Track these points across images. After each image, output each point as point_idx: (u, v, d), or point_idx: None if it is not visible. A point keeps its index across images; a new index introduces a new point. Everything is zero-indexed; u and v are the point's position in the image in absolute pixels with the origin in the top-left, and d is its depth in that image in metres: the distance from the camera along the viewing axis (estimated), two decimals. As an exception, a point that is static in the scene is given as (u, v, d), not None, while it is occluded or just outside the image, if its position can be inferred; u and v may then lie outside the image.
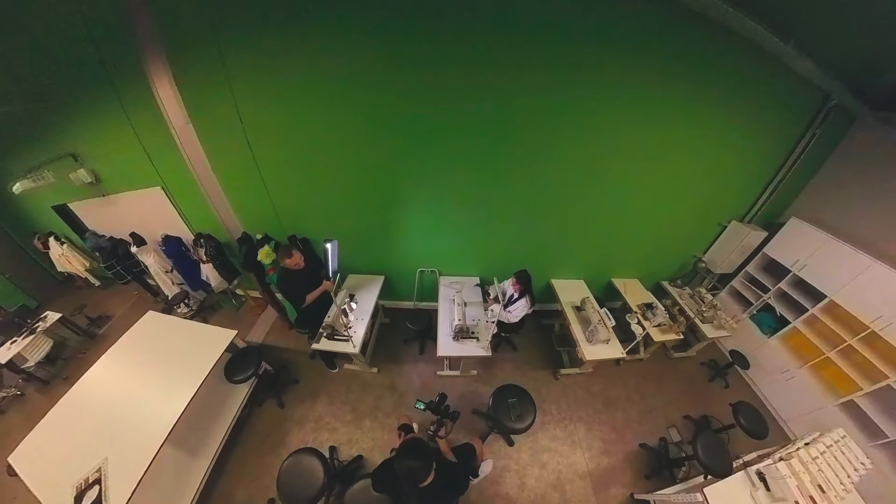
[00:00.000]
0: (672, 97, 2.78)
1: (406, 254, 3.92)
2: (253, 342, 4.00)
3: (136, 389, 2.75)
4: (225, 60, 2.61)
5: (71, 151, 3.33)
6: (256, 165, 3.20)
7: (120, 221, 3.95)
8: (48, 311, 4.02)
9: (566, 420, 3.40)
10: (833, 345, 3.12)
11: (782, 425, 3.50)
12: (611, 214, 3.57)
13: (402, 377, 3.72)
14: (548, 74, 2.60)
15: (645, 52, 2.54)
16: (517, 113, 2.80)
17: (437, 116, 2.81)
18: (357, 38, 2.50)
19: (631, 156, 3.08)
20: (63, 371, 3.91)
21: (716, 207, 3.72)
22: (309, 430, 3.26)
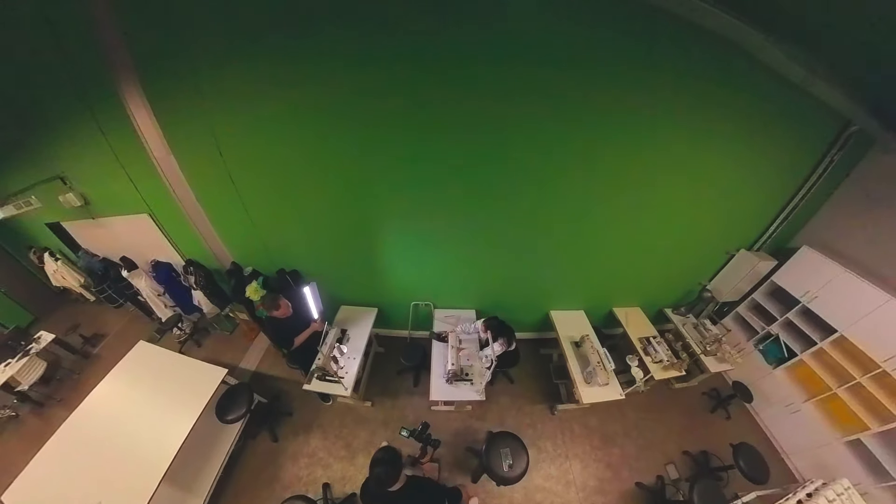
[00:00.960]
0: (681, 123, 2.76)
1: (399, 286, 4.04)
2: (246, 369, 4.24)
3: (128, 428, 2.96)
4: (202, 91, 2.69)
5: (60, 174, 3.49)
6: (240, 198, 3.32)
7: (111, 244, 4.15)
8: (42, 330, 4.26)
9: (561, 457, 3.53)
10: (841, 380, 3.17)
11: (785, 459, 3.59)
12: (614, 245, 3.62)
13: (396, 411, 3.89)
14: (546, 101, 2.58)
15: (656, 75, 2.49)
16: (514, 142, 2.81)
17: (429, 148, 2.85)
18: (338, 66, 2.49)
19: (635, 185, 3.10)
20: (57, 392, 4.16)
21: (723, 236, 3.75)
22: (303, 465, 3.45)
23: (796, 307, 3.46)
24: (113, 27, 2.48)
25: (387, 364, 4.31)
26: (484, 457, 2.99)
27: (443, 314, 4.13)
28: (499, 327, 3.44)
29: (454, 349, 3.48)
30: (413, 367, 4.03)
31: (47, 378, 4.19)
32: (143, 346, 3.59)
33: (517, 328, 4.27)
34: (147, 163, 3.17)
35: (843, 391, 3.12)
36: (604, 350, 3.48)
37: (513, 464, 2.93)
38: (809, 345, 3.36)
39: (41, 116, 3.12)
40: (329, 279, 4.00)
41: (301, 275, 3.92)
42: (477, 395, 3.31)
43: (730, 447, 3.20)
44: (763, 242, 3.75)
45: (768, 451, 3.34)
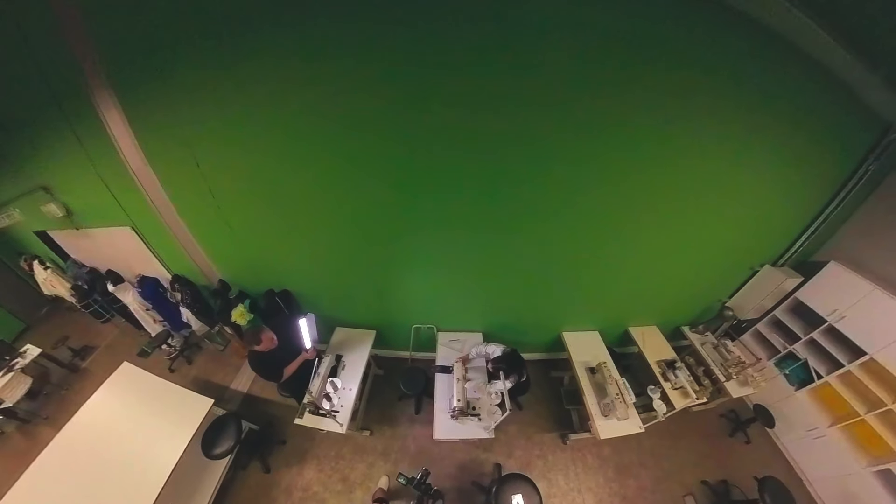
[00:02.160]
0: (717, 133, 2.68)
1: (399, 308, 4.07)
2: (238, 391, 4.30)
3: (111, 457, 3.03)
4: (172, 98, 2.65)
5: (42, 184, 3.52)
6: (221, 213, 3.31)
7: (97, 255, 4.26)
8: (33, 339, 4.46)
9: (574, 492, 3.59)
10: (870, 406, 3.23)
11: (808, 488, 3.67)
12: (633, 263, 3.62)
13: (397, 441, 3.92)
14: (561, 113, 2.50)
15: (694, 77, 2.37)
16: (529, 158, 2.73)
17: (435, 160, 2.78)
18: (332, 62, 2.34)
19: (656, 202, 3.08)
20: (44, 409, 4.28)
21: (747, 251, 3.80)
22: (297, 499, 3.51)
23: (822, 326, 3.53)
24: (80, 28, 2.46)
25: (386, 388, 4.35)
26: (493, 502, 3.02)
27: (447, 337, 4.14)
28: (509, 363, 3.35)
29: (459, 382, 3.46)
30: (415, 395, 4.04)
31: (34, 393, 4.31)
32: (127, 368, 3.62)
33: (526, 349, 4.34)
34: (125, 174, 3.17)
35: (872, 417, 3.19)
36: (623, 380, 3.52)
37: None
38: (835, 366, 3.42)
39: (19, 126, 3.13)
40: (323, 300, 4.03)
41: (292, 295, 3.92)
42: (485, 434, 3.31)
43: (753, 479, 3.26)
44: (789, 257, 3.81)
45: (790, 479, 3.41)
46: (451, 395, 3.41)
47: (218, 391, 4.31)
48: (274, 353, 3.15)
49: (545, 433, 4.03)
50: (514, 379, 3.30)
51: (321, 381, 3.45)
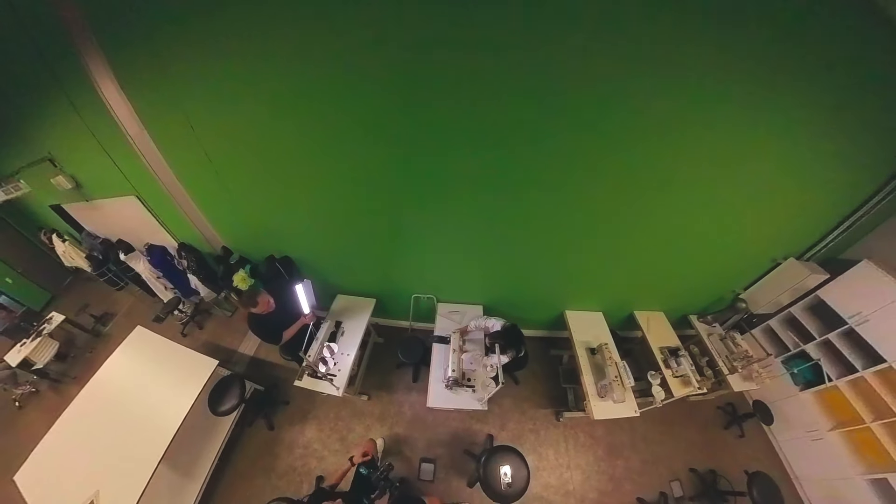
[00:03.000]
0: (744, 94, 2.26)
1: (400, 278, 4.03)
2: (244, 354, 4.50)
3: (127, 413, 3.28)
4: (160, 56, 2.49)
5: (47, 155, 3.53)
6: (219, 177, 3.23)
7: (108, 226, 4.40)
8: (58, 309, 4.81)
9: (563, 467, 3.69)
10: (878, 414, 3.12)
11: (797, 486, 3.67)
12: (647, 245, 3.41)
13: (393, 407, 4.07)
14: (577, 59, 2.14)
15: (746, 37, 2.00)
16: (540, 120, 2.41)
17: (443, 122, 2.51)
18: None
19: (674, 176, 2.77)
20: (72, 370, 4.71)
21: (770, 241, 3.51)
22: (298, 455, 3.72)
23: (841, 328, 3.33)
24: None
25: (386, 356, 4.44)
26: (481, 470, 3.12)
27: (446, 308, 4.13)
28: (507, 336, 3.33)
29: (455, 353, 3.50)
30: (412, 364, 4.13)
31: (63, 355, 4.75)
32: (141, 332, 3.85)
33: (526, 326, 4.31)
34: (123, 140, 3.10)
35: (877, 426, 3.08)
36: (623, 363, 3.47)
37: (512, 483, 3.03)
38: (848, 371, 3.27)
39: (17, 95, 3.09)
40: (323, 267, 4.02)
41: (293, 262, 3.94)
42: (478, 405, 3.35)
43: (743, 472, 3.29)
44: (817, 252, 3.53)
45: (780, 476, 3.41)
46: (447, 366, 3.44)
47: (226, 354, 4.54)
48: (272, 317, 3.22)
49: (539, 409, 4.09)
50: (511, 354, 3.29)
51: (318, 346, 3.55)
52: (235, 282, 3.78)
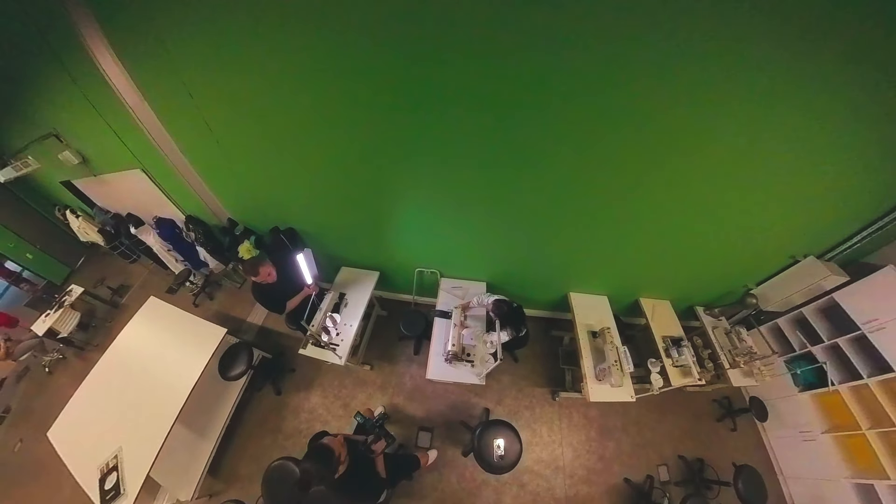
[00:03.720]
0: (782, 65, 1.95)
1: (403, 251, 3.98)
2: (253, 323, 4.65)
3: (144, 377, 3.49)
4: (153, 19, 2.35)
5: (52, 130, 3.52)
6: (220, 147, 3.14)
7: (117, 200, 4.46)
8: (77, 282, 5.03)
9: (555, 444, 3.82)
10: (876, 423, 3.10)
11: (781, 482, 3.75)
12: (660, 230, 3.23)
13: (394, 377, 4.21)
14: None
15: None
16: (559, 79, 2.13)
17: (454, 84, 2.25)
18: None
19: (695, 155, 2.50)
20: (94, 338, 5.06)
21: (791, 236, 3.30)
22: (303, 419, 3.95)
23: (853, 333, 3.22)
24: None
25: (389, 328, 4.53)
26: (476, 441, 3.24)
27: (449, 284, 4.12)
28: (508, 314, 3.36)
29: (456, 328, 3.55)
30: (414, 337, 4.21)
31: (85, 325, 5.07)
32: (154, 302, 4.00)
33: (529, 305, 4.30)
34: (124, 112, 3.03)
35: (873, 433, 3.07)
36: (624, 349, 3.47)
37: (504, 456, 3.16)
38: (853, 377, 3.21)
39: (17, 71, 3.04)
40: (327, 239, 3.99)
41: (297, 233, 3.93)
42: (476, 380, 3.42)
43: (731, 464, 3.36)
44: (840, 253, 3.33)
45: (766, 471, 3.47)
46: (448, 340, 3.51)
47: (236, 323, 4.71)
48: (276, 286, 3.31)
49: (536, 387, 4.18)
50: (511, 332, 3.33)
51: (322, 316, 3.63)
52: (241, 253, 3.82)
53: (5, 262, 5.80)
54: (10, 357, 4.47)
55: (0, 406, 4.64)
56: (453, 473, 3.65)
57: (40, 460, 3.55)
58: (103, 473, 3.01)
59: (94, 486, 2.94)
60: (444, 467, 3.67)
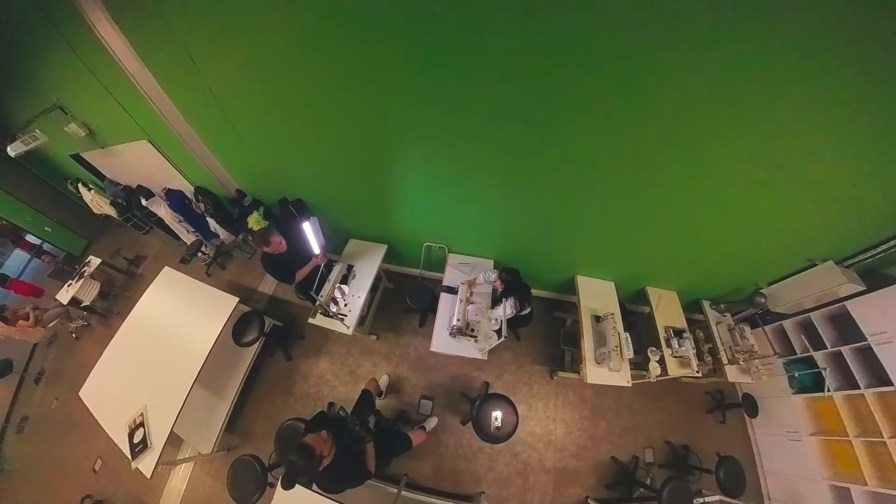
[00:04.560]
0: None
1: (412, 224, 3.93)
2: (264, 293, 4.82)
3: (163, 343, 3.70)
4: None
5: (56, 102, 3.46)
6: (224, 114, 3.02)
7: (127, 172, 4.48)
8: (94, 254, 5.24)
9: (549, 420, 4.02)
10: (864, 432, 3.18)
11: (760, 476, 3.91)
12: (676, 221, 3.10)
13: (399, 348, 4.37)
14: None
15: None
16: (584, 39, 1.85)
17: (472, 53, 2.03)
18: None
19: (723, 142, 2.28)
20: (115, 306, 5.39)
21: (812, 239, 3.14)
22: (312, 384, 4.20)
23: (858, 343, 3.20)
24: None
25: (395, 301, 4.62)
26: (475, 412, 3.41)
27: (457, 259, 4.13)
28: (515, 285, 3.39)
29: (462, 303, 3.61)
30: (420, 310, 4.30)
31: (105, 294, 5.37)
32: (168, 272, 4.13)
33: (535, 285, 4.33)
34: (126, 80, 2.92)
35: (859, 442, 3.15)
36: (626, 335, 3.51)
37: (501, 427, 3.34)
38: (850, 386, 3.24)
39: (16, 42, 2.96)
40: (336, 210, 3.96)
41: (305, 205, 3.90)
42: (479, 354, 3.53)
43: (715, 454, 3.49)
44: (861, 261, 3.19)
45: (747, 464, 3.60)
46: (453, 315, 3.58)
47: (247, 292, 4.86)
48: (285, 257, 3.36)
49: (536, 365, 4.32)
50: (514, 304, 3.37)
51: (330, 287, 3.73)
52: (250, 223, 3.84)
53: (25, 236, 6.07)
54: (39, 324, 4.77)
55: (35, 368, 5.10)
56: (451, 439, 3.91)
57: (75, 416, 3.91)
58: (131, 429, 3.29)
59: (124, 439, 3.23)
60: (443, 433, 3.92)
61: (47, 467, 4.29)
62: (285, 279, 3.59)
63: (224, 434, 3.80)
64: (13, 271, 6.50)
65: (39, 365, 5.17)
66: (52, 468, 4.27)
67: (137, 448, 3.19)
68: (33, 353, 5.31)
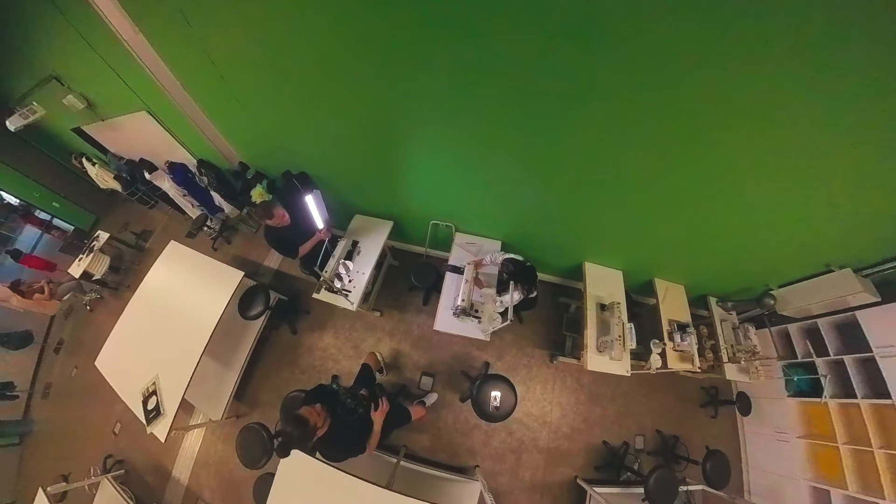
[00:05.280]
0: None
1: (419, 201, 3.82)
2: (269, 267, 4.83)
3: (172, 315, 3.78)
4: None
5: (52, 73, 3.36)
6: (225, 83, 2.86)
7: (128, 145, 4.42)
8: (102, 229, 5.31)
9: (545, 402, 4.14)
10: (853, 440, 3.24)
11: (744, 470, 4.06)
12: (693, 215, 2.97)
13: (403, 325, 4.44)
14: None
15: None
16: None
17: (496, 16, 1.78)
18: None
19: (750, 137, 2.11)
20: (126, 280, 5.54)
21: (831, 244, 3.02)
22: (317, 357, 4.32)
23: (862, 354, 3.19)
24: None
25: (399, 278, 4.63)
26: (475, 391, 3.52)
27: (464, 239, 4.06)
28: (521, 274, 3.28)
29: (467, 283, 3.56)
30: (424, 288, 4.29)
31: (115, 268, 5.54)
32: (174, 246, 4.14)
33: (541, 269, 4.28)
34: (119, 47, 2.77)
35: (847, 448, 3.23)
36: (630, 326, 3.53)
37: (499, 407, 3.44)
38: (847, 395, 3.27)
39: (3, 7, 2.82)
40: (341, 185, 3.87)
41: (310, 178, 3.79)
42: (481, 336, 3.53)
43: (704, 447, 3.62)
44: (879, 271, 3.08)
45: (732, 458, 3.73)
46: (457, 295, 3.57)
47: (253, 267, 4.86)
48: (288, 231, 3.34)
49: (537, 349, 4.37)
50: (522, 291, 3.30)
51: (335, 262, 3.71)
52: (253, 197, 3.79)
53: (35, 212, 6.17)
54: (54, 297, 4.96)
55: (54, 339, 5.34)
56: (450, 415, 4.06)
57: (94, 384, 4.07)
58: (145, 396, 3.45)
59: (139, 406, 3.40)
60: (442, 409, 4.07)
61: (72, 429, 4.61)
62: (288, 253, 3.56)
63: (233, 402, 3.97)
64: (25, 246, 6.65)
65: (58, 336, 5.43)
66: (76, 430, 4.59)
67: (151, 414, 3.36)
68: (51, 324, 5.58)
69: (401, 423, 3.33)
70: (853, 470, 3.17)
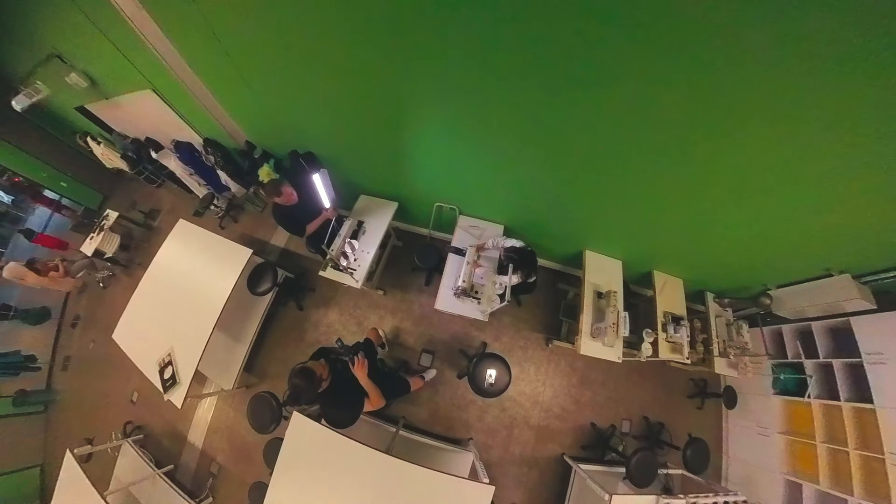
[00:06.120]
0: None
1: (424, 182, 3.81)
2: (276, 245, 4.95)
3: (183, 291, 3.92)
4: None
5: (53, 51, 3.33)
6: (231, 61, 2.81)
7: (133, 124, 4.39)
8: (108, 209, 5.36)
9: (538, 383, 4.31)
10: (832, 439, 3.36)
11: (723, 459, 4.23)
12: (699, 211, 2.94)
13: (405, 303, 4.56)
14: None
15: None
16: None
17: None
18: None
19: (768, 133, 2.03)
20: (136, 257, 5.77)
21: (833, 248, 2.99)
22: (322, 332, 4.50)
23: (851, 359, 3.24)
24: None
25: (403, 259, 4.70)
26: (471, 368, 3.67)
27: (467, 222, 4.09)
28: (521, 258, 3.35)
29: (469, 265, 3.66)
30: (427, 269, 4.37)
31: (126, 246, 5.66)
32: (183, 224, 4.22)
33: (541, 255, 4.32)
34: (122, 22, 2.70)
35: (824, 447, 3.36)
36: (625, 314, 3.62)
37: (494, 384, 3.59)
38: (830, 396, 3.35)
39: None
40: (347, 164, 3.87)
41: (316, 157, 3.79)
42: (480, 316, 3.62)
43: (687, 434, 3.79)
44: (879, 280, 3.06)
45: (714, 447, 3.90)
46: (459, 276, 3.67)
47: (260, 245, 4.96)
48: (296, 209, 3.42)
49: (533, 332, 4.49)
50: (522, 275, 3.38)
51: (341, 241, 3.77)
52: (261, 176, 3.81)
53: (44, 192, 6.18)
54: (68, 275, 5.10)
55: (71, 315, 5.60)
56: (447, 391, 4.26)
57: (111, 356, 4.33)
58: (161, 367, 3.66)
59: (156, 376, 3.62)
60: (440, 384, 4.27)
61: (92, 399, 4.96)
62: (296, 231, 3.64)
63: (243, 373, 4.21)
64: (37, 226, 6.82)
65: (74, 312, 5.70)
66: (96, 399, 4.93)
67: (168, 383, 3.59)
68: (67, 301, 5.82)
69: (401, 392, 3.51)
70: (827, 467, 3.31)
